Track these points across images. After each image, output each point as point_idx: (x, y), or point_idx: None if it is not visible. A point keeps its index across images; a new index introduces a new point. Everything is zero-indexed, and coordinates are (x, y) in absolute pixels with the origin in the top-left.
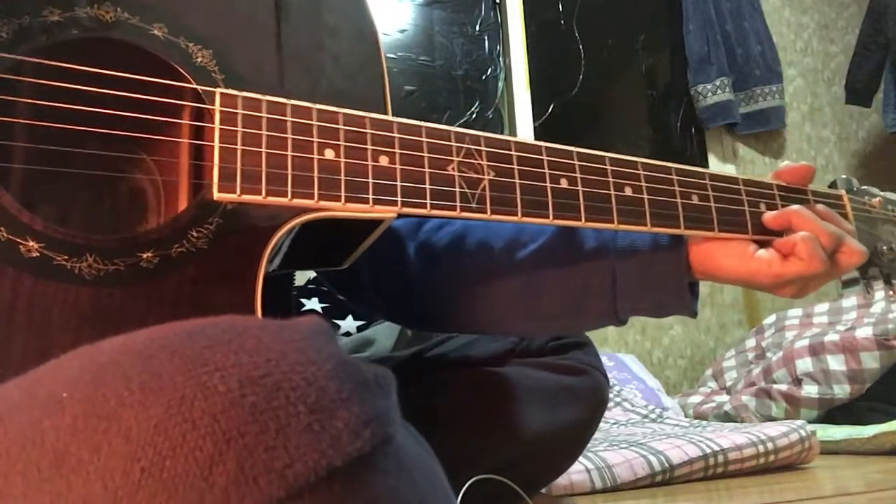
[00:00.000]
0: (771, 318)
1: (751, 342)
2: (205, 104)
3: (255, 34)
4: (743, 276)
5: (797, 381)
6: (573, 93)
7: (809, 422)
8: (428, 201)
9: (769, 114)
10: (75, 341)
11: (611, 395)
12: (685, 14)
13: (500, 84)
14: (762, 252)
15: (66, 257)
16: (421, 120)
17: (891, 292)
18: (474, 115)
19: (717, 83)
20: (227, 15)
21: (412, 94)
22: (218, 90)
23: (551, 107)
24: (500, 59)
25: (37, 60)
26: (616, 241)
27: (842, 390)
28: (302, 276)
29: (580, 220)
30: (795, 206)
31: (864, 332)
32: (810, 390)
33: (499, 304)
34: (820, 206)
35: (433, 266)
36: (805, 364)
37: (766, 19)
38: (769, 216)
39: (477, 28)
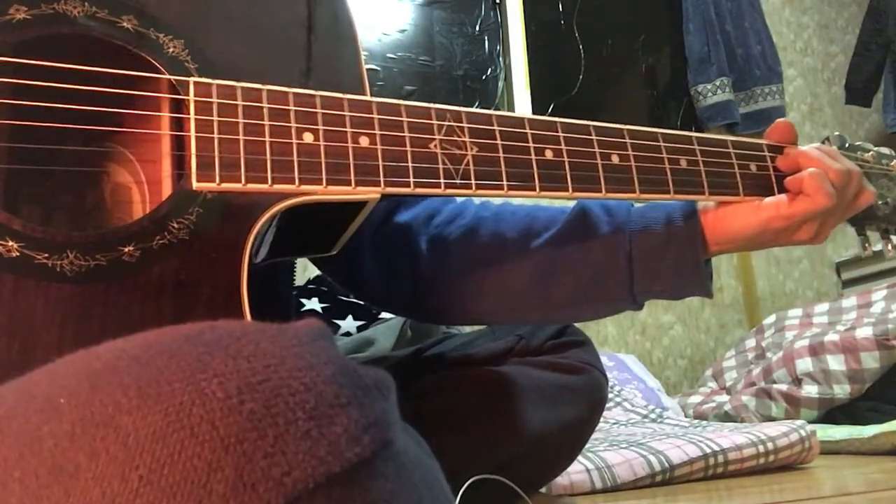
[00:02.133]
0: (771, 318)
1: (751, 342)
2: (180, 95)
3: (226, 21)
4: (757, 229)
5: (797, 381)
6: (573, 93)
7: (809, 422)
8: (411, 180)
9: (769, 114)
10: (60, 339)
11: (611, 395)
12: (685, 14)
13: (500, 84)
14: (769, 199)
15: (46, 255)
16: None
17: (889, 246)
18: None
19: (717, 83)
20: (196, 5)
21: (412, 94)
22: (191, 79)
23: (551, 107)
24: (500, 59)
25: (6, 60)
26: (630, 223)
27: (842, 390)
28: (302, 276)
29: (567, 190)
30: (803, 147)
31: (864, 332)
32: (810, 390)
33: (514, 293)
34: (826, 146)
35: (446, 259)
36: (805, 364)
37: (766, 19)
38: (780, 159)
39: (477, 28)
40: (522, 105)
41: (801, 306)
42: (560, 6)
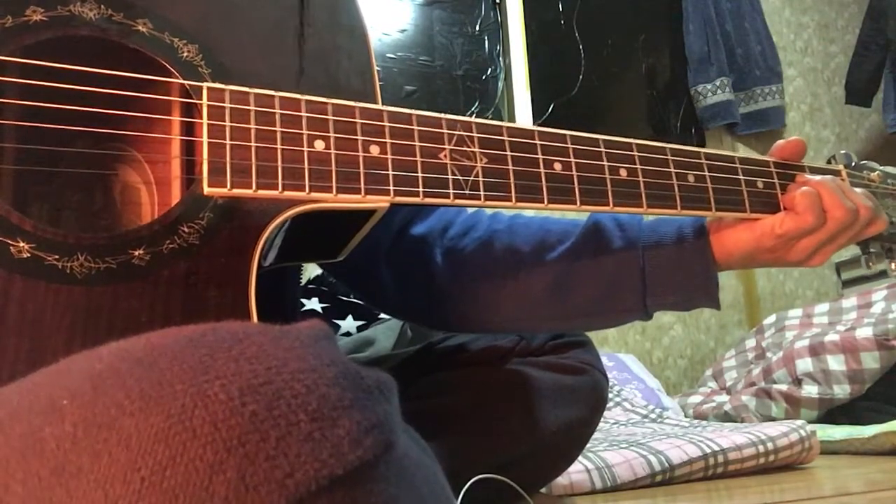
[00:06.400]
0: (771, 318)
1: (751, 342)
2: (192, 99)
3: (241, 27)
4: (751, 245)
5: (797, 381)
6: (573, 93)
7: (809, 422)
8: (420, 189)
9: (769, 114)
10: (69, 341)
11: (611, 395)
12: (685, 14)
13: (500, 84)
14: (768, 217)
15: (56, 257)
16: None
17: (892, 265)
18: (474, 115)
19: (717, 83)
20: (211, 9)
21: (412, 94)
22: (205, 84)
23: (551, 107)
24: (500, 59)
25: (22, 61)
26: (642, 237)
27: (842, 390)
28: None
29: (575, 203)
30: (818, 178)
31: (864, 332)
32: (810, 390)
33: (529, 305)
34: (840, 180)
35: (462, 272)
36: (805, 364)
37: (766, 19)
38: (795, 183)
39: (477, 28)
40: (522, 105)
41: (801, 306)
42: (560, 6)
